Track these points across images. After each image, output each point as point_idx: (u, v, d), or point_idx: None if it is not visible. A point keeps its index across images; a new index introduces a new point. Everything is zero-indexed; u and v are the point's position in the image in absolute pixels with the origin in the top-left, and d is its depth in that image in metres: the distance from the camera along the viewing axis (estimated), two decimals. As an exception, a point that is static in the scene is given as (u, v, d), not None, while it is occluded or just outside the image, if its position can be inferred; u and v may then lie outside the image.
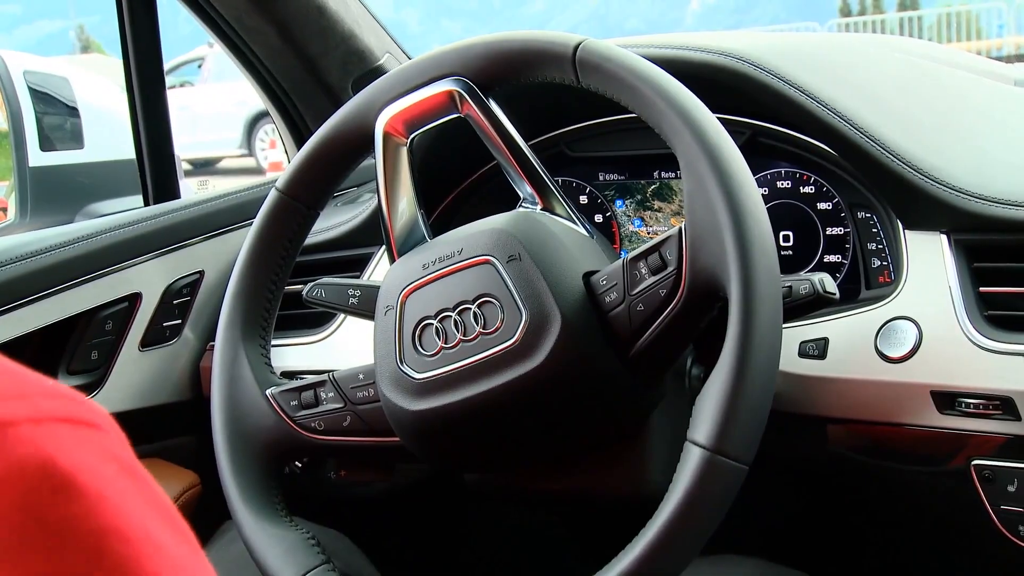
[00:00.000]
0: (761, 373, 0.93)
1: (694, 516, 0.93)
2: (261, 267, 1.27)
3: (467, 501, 1.39)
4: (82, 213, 3.40)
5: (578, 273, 1.07)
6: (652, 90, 1.03)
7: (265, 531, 1.18)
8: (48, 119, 3.73)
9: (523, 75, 1.14)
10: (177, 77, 14.30)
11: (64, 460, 0.44)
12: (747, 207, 0.97)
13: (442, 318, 1.10)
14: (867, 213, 1.36)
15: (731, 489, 0.94)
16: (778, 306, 0.96)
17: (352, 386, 1.21)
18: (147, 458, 1.63)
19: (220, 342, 1.26)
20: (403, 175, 1.22)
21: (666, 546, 0.93)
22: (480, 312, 1.08)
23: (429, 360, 1.10)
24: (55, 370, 1.57)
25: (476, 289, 1.09)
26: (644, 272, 1.02)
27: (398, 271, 1.17)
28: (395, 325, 1.13)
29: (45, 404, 0.46)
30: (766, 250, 0.96)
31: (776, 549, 1.45)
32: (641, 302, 1.02)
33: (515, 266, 1.08)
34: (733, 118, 1.40)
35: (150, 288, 1.64)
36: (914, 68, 1.56)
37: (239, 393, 1.25)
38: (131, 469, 0.48)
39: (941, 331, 1.20)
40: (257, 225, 1.27)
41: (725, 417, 0.92)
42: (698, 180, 0.98)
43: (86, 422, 0.47)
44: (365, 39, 1.90)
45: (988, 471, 1.19)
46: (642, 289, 1.02)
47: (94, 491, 0.44)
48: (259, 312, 1.27)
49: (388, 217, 1.22)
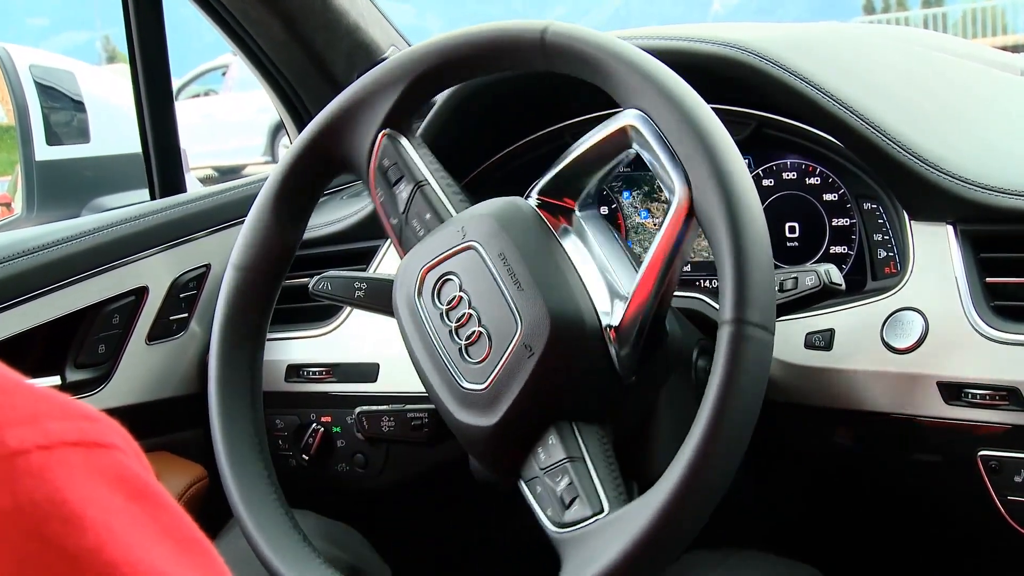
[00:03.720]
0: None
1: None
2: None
3: (475, 492, 1.39)
4: (88, 207, 3.41)
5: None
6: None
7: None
8: (54, 113, 3.74)
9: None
10: (201, 85, 14.27)
11: (72, 492, 0.43)
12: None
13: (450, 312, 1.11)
14: (873, 204, 1.36)
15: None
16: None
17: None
18: (154, 451, 1.63)
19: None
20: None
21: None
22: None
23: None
24: (63, 364, 1.57)
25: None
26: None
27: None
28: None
29: (55, 427, 0.45)
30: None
31: (785, 543, 1.45)
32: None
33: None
34: (738, 109, 1.40)
35: (157, 282, 1.65)
36: (920, 58, 1.56)
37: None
38: (142, 491, 0.47)
39: (947, 322, 1.20)
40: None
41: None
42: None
43: (97, 443, 0.46)
44: (370, 32, 1.90)
45: (995, 461, 1.19)
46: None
47: (103, 523, 0.44)
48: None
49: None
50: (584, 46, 1.07)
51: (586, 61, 1.07)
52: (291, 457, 1.62)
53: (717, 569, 1.27)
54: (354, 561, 1.49)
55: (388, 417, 1.41)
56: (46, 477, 0.43)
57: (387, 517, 1.79)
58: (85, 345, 1.58)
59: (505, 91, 1.54)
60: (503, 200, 1.15)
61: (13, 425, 0.44)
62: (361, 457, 1.58)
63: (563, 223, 1.14)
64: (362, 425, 1.44)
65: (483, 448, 1.10)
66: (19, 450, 0.43)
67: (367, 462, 1.58)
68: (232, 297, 1.25)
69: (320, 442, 1.59)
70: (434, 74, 1.18)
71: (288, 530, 1.19)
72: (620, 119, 1.07)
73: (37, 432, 0.44)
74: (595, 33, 1.07)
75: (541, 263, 1.08)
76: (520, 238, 1.10)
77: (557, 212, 1.14)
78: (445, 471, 1.51)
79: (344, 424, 1.57)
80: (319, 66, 1.88)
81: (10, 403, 0.45)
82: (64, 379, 1.57)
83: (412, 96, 1.20)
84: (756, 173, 1.43)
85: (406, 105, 1.20)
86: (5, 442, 0.43)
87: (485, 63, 1.17)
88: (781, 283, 1.12)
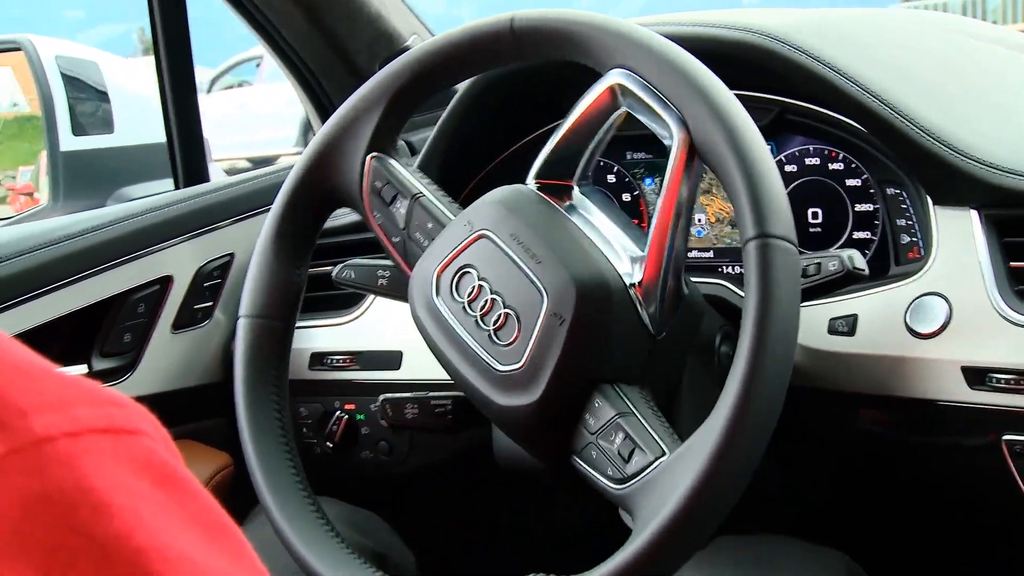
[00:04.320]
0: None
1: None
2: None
3: (499, 479, 1.39)
4: (113, 197, 3.43)
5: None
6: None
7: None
8: (79, 104, 3.75)
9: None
10: (235, 76, 14.28)
11: (100, 479, 0.43)
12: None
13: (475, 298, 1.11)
14: (896, 189, 1.35)
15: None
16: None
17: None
18: (180, 440, 1.64)
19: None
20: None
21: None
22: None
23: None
24: (89, 353, 1.58)
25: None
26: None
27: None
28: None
29: (83, 414, 0.45)
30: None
31: (811, 528, 1.45)
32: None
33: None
34: (760, 95, 1.40)
35: (181, 271, 1.65)
36: (946, 43, 1.55)
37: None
38: (170, 478, 0.47)
39: (971, 306, 1.20)
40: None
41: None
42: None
43: (125, 429, 0.46)
44: (392, 21, 1.90)
45: (1019, 445, 1.18)
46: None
47: (131, 510, 0.44)
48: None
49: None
50: (552, 23, 1.09)
51: (557, 37, 1.09)
52: (316, 445, 1.62)
53: (746, 554, 1.27)
54: (378, 548, 1.50)
55: (412, 404, 1.42)
56: (74, 464, 0.43)
57: (411, 504, 1.79)
58: (111, 334, 1.59)
59: (508, 92, 1.55)
60: (503, 188, 1.16)
61: (40, 412, 0.44)
62: (385, 444, 1.59)
63: (566, 200, 1.15)
64: (386, 412, 1.44)
65: (530, 430, 1.09)
66: (47, 437, 0.43)
67: (391, 449, 1.59)
68: (249, 348, 1.26)
69: (344, 430, 1.59)
70: (410, 89, 1.21)
71: (313, 517, 1.19)
72: (603, 82, 1.08)
73: (65, 419, 0.44)
74: (561, 9, 1.09)
75: (554, 235, 1.09)
76: (529, 217, 1.11)
77: (557, 192, 1.15)
78: (469, 458, 1.52)
79: (368, 411, 1.58)
80: (342, 56, 1.89)
81: (37, 389, 0.45)
82: (90, 367, 1.58)
83: (393, 116, 1.22)
84: (779, 159, 1.43)
85: (388, 125, 1.22)
86: (32, 429, 0.43)
87: (459, 67, 1.20)
88: (804, 269, 1.12)
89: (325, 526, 1.19)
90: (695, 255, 1.50)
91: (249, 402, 1.23)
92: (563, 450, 1.06)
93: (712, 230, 1.49)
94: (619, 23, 1.06)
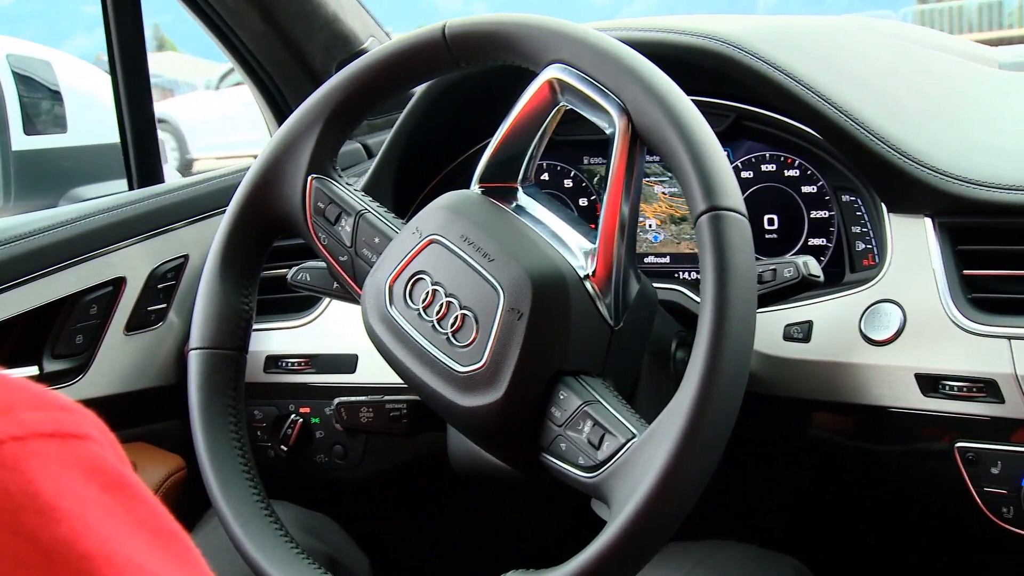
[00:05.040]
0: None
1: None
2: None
3: (453, 484, 1.39)
4: (66, 197, 3.40)
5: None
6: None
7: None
8: (31, 103, 3.72)
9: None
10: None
11: (47, 483, 0.43)
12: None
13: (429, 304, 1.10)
14: (851, 196, 1.36)
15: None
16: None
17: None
18: (132, 442, 1.63)
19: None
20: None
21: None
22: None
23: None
24: (40, 354, 1.56)
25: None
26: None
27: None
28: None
29: (29, 418, 0.45)
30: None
31: (765, 534, 1.46)
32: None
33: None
34: (717, 101, 1.40)
35: (134, 272, 1.64)
36: (899, 51, 1.57)
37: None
38: (117, 483, 0.47)
39: (925, 314, 1.20)
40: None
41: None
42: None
43: (72, 434, 0.46)
44: (349, 23, 1.89)
45: (972, 453, 1.19)
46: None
47: (77, 515, 0.43)
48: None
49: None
50: (483, 26, 1.10)
51: (490, 40, 1.10)
52: (270, 448, 1.61)
53: (698, 560, 1.27)
54: (332, 552, 1.49)
55: (367, 408, 1.41)
56: (20, 468, 0.43)
57: (365, 508, 1.79)
58: (62, 335, 1.57)
59: (455, 104, 1.55)
60: (448, 194, 1.16)
61: None
62: (340, 448, 1.58)
63: (512, 202, 1.15)
64: (341, 416, 1.44)
65: (495, 430, 1.07)
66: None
67: (346, 453, 1.58)
68: (203, 380, 1.24)
69: (299, 433, 1.58)
70: (346, 108, 1.21)
71: (266, 521, 1.18)
72: (540, 78, 1.09)
73: (11, 423, 0.44)
74: (492, 14, 1.10)
75: (504, 233, 1.09)
76: (477, 218, 1.11)
77: (502, 194, 1.15)
78: (424, 463, 1.51)
79: (323, 415, 1.57)
80: (298, 58, 1.88)
81: None
82: (42, 369, 1.56)
83: (330, 136, 1.22)
84: (735, 165, 1.43)
85: (326, 146, 1.22)
86: None
87: (395, 80, 1.20)
88: (760, 275, 1.12)
89: (278, 530, 1.18)
90: (652, 260, 1.50)
91: (207, 434, 1.22)
92: (530, 448, 1.06)
93: (667, 233, 1.49)
94: (549, 20, 1.07)
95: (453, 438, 1.33)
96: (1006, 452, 1.18)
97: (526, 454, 1.07)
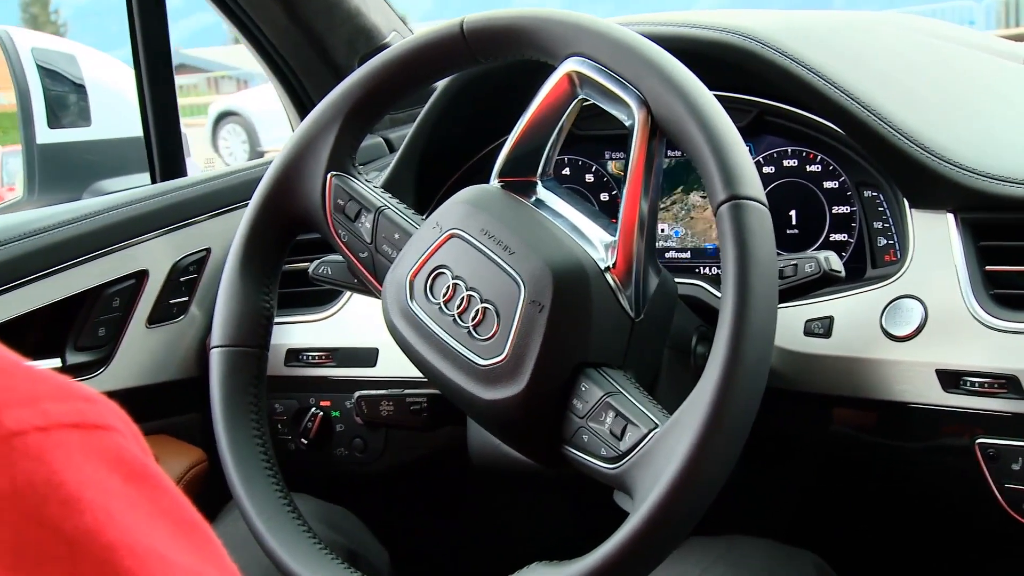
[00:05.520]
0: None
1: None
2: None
3: (473, 477, 1.39)
4: (89, 190, 3.41)
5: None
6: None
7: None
8: (56, 96, 3.73)
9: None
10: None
11: (70, 474, 0.43)
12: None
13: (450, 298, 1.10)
14: (873, 192, 1.36)
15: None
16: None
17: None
18: (154, 435, 1.64)
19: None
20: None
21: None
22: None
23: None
24: (63, 346, 1.57)
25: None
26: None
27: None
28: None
29: (53, 409, 0.45)
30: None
31: (784, 530, 1.46)
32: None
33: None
34: (739, 96, 1.40)
35: (157, 265, 1.65)
36: (923, 47, 1.56)
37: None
38: (140, 473, 0.47)
39: (947, 310, 1.20)
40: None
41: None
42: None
43: (95, 425, 0.46)
44: (371, 17, 1.90)
45: (992, 449, 1.19)
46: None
47: (101, 505, 0.44)
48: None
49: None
50: (502, 20, 1.10)
51: (508, 34, 1.10)
52: (290, 441, 1.62)
53: (718, 555, 1.27)
54: (352, 545, 1.49)
55: (387, 401, 1.41)
56: (44, 459, 0.43)
57: (385, 501, 1.79)
58: (85, 328, 1.58)
59: (476, 99, 1.55)
60: (468, 188, 1.16)
61: (11, 406, 0.43)
62: (360, 441, 1.59)
63: (532, 196, 1.15)
64: (361, 409, 1.44)
65: (517, 423, 1.07)
66: (17, 431, 0.43)
67: (366, 446, 1.58)
68: (224, 378, 1.24)
69: (319, 426, 1.59)
70: (365, 106, 1.21)
71: (286, 514, 1.19)
72: (559, 71, 1.08)
73: (35, 413, 0.44)
74: (509, 8, 1.10)
75: (525, 226, 1.09)
76: (497, 211, 1.11)
77: (521, 189, 1.15)
78: (443, 456, 1.52)
79: (343, 408, 1.57)
80: (320, 52, 1.88)
81: (8, 384, 0.45)
82: (64, 361, 1.57)
83: (349, 133, 1.22)
84: (757, 160, 1.43)
85: (345, 143, 1.23)
86: (3, 423, 0.42)
87: (414, 76, 1.20)
88: (781, 270, 1.12)
89: (298, 523, 1.19)
90: (672, 256, 1.50)
91: (229, 432, 1.22)
92: (552, 440, 1.06)
93: (687, 229, 1.49)
94: (568, 13, 1.07)
95: (473, 432, 1.33)
96: (1027, 448, 1.17)
97: (548, 447, 1.06)
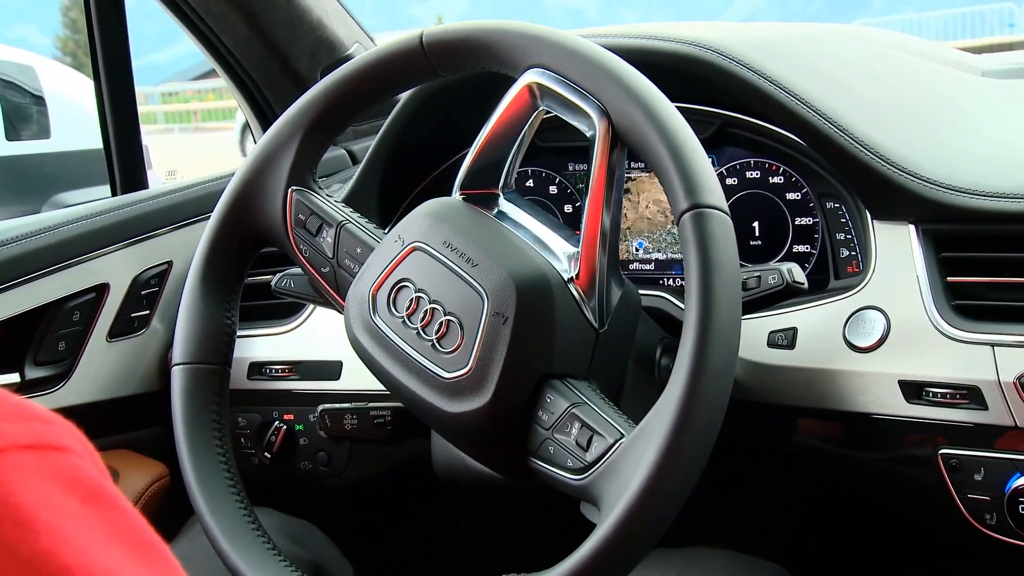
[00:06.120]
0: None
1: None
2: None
3: (437, 491, 1.39)
4: (49, 203, 3.39)
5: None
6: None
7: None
8: (14, 108, 3.71)
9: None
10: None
11: (26, 495, 0.43)
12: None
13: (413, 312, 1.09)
14: (836, 203, 1.36)
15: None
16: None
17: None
18: (115, 449, 1.62)
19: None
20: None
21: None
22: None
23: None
24: (22, 361, 1.56)
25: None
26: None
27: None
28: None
29: (9, 430, 0.44)
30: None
31: (748, 541, 1.46)
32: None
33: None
34: (702, 108, 1.41)
35: (118, 279, 1.63)
36: (883, 59, 1.57)
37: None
38: (97, 495, 0.47)
39: (909, 321, 1.21)
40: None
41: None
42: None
43: (52, 446, 0.46)
44: (334, 29, 1.89)
45: (955, 460, 1.19)
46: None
47: (56, 527, 0.43)
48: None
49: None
50: (461, 32, 1.10)
51: (468, 46, 1.10)
52: (253, 455, 1.61)
53: (682, 566, 1.27)
54: (316, 559, 1.49)
55: (351, 415, 1.41)
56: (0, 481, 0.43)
57: (350, 515, 1.78)
58: (45, 342, 1.57)
59: (437, 113, 1.55)
60: (430, 201, 1.15)
61: None
62: (324, 455, 1.58)
63: (494, 208, 1.15)
64: (325, 423, 1.44)
65: (483, 435, 1.06)
66: None
67: (330, 460, 1.58)
68: (186, 395, 1.23)
69: (282, 440, 1.58)
70: (325, 120, 1.21)
71: (249, 528, 1.18)
72: (519, 83, 1.08)
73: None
74: (468, 21, 1.11)
75: (487, 238, 1.09)
76: (459, 224, 1.10)
77: (483, 201, 1.15)
78: (408, 469, 1.51)
79: (307, 422, 1.57)
80: (283, 64, 1.88)
81: None
82: (23, 376, 1.55)
83: (309, 148, 1.22)
84: (720, 172, 1.43)
85: (306, 157, 1.22)
86: None
87: (373, 90, 1.20)
88: (744, 282, 1.12)
89: (261, 537, 1.18)
90: (636, 267, 1.50)
91: (192, 450, 1.21)
92: (518, 452, 1.05)
93: (650, 241, 1.49)
94: (527, 25, 1.07)
95: (437, 445, 1.33)
96: (989, 459, 1.18)
97: (514, 459, 1.06)
